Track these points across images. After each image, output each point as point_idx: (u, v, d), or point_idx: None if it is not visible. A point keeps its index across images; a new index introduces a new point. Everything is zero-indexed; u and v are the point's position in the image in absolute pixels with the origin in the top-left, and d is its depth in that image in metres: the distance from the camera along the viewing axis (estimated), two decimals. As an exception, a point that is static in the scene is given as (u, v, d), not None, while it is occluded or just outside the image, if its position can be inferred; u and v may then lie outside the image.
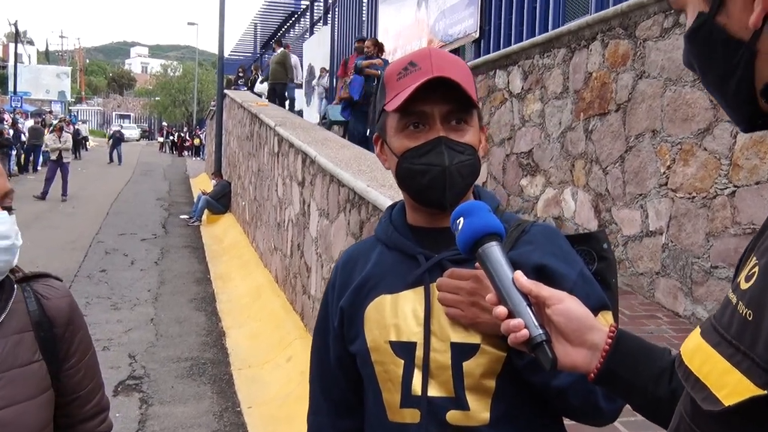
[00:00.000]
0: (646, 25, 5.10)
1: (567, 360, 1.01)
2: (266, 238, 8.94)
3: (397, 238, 1.33)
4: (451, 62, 1.27)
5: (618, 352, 0.99)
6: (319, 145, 6.53)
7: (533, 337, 0.99)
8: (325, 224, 5.62)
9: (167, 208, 16.20)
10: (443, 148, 1.23)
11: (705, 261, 4.42)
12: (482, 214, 1.11)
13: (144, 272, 9.50)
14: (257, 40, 30.01)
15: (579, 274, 1.25)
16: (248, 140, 11.58)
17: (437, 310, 1.24)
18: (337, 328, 1.38)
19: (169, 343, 6.53)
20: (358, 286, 1.35)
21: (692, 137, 4.57)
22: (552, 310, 1.02)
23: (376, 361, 1.29)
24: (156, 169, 27.35)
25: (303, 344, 5.80)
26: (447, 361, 1.22)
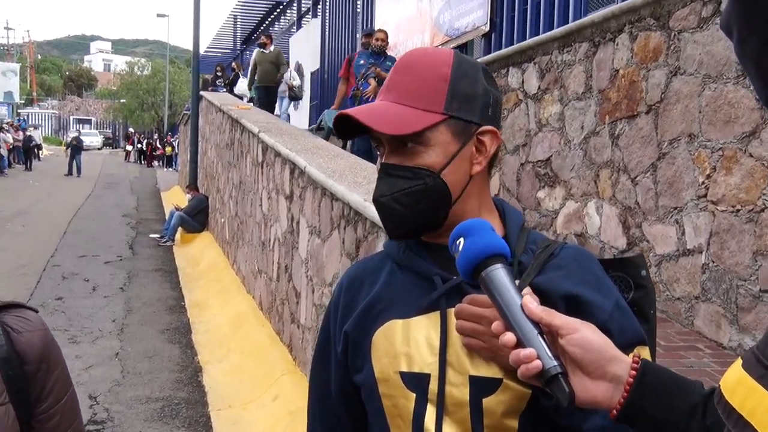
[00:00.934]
0: (682, 14, 5.13)
1: (586, 395, 1.02)
2: (249, 259, 8.93)
3: (411, 257, 1.34)
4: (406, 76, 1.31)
5: (643, 385, 1.00)
6: (309, 153, 6.54)
7: (547, 370, 1.00)
8: (316, 243, 5.62)
9: (135, 226, 16.21)
10: (382, 175, 1.29)
11: (752, 284, 4.41)
12: (484, 233, 1.12)
13: (108, 300, 9.49)
14: (237, 35, 30.18)
15: (615, 305, 1.25)
16: (228, 148, 11.60)
17: (454, 339, 1.24)
18: (341, 356, 1.39)
19: (136, 381, 6.51)
20: (365, 308, 1.35)
21: (736, 142, 4.59)
22: (566, 340, 1.03)
23: (384, 394, 1.29)
24: (122, 182, 27.41)
25: (292, 380, 5.79)
26: (465, 397, 1.22)
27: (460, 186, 1.29)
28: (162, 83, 56.09)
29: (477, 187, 1.32)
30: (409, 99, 1.27)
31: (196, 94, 16.16)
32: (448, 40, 10.24)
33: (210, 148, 14.75)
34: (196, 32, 16.60)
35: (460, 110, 1.28)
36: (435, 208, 1.29)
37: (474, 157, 1.30)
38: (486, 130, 1.30)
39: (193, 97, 16.30)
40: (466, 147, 1.29)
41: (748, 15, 0.75)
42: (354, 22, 14.69)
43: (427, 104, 1.26)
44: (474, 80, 1.29)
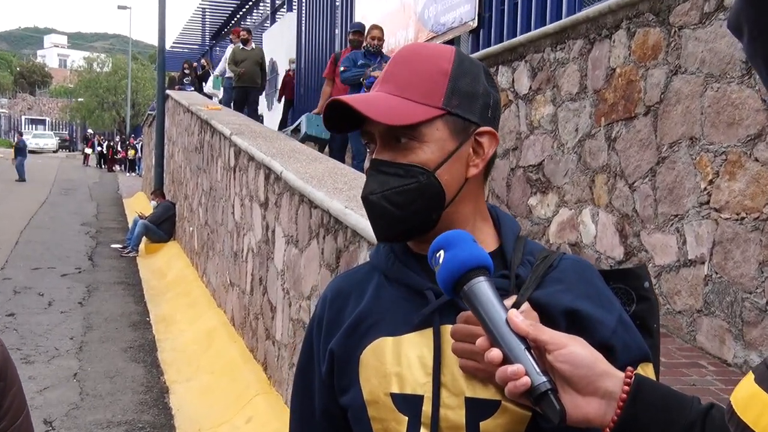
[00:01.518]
0: (683, 9, 5.19)
1: (577, 412, 1.03)
2: (220, 271, 8.92)
3: (400, 269, 1.34)
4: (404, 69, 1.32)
5: (638, 401, 1.01)
6: (286, 157, 6.56)
7: (536, 386, 1.01)
8: (293, 254, 5.63)
9: (95, 236, 16.12)
10: (373, 173, 1.29)
11: (759, 296, 4.46)
12: (465, 245, 1.13)
13: (65, 315, 9.43)
14: (206, 30, 30.14)
15: (618, 321, 1.27)
16: (197, 152, 11.58)
17: (449, 358, 1.24)
18: (325, 376, 1.38)
19: (97, 403, 6.47)
20: (352, 325, 1.35)
21: (740, 145, 4.64)
22: (554, 356, 1.04)
23: (373, 417, 1.29)
24: (80, 188, 27.24)
25: (266, 401, 5.80)
26: (461, 420, 1.22)
27: (455, 188, 1.30)
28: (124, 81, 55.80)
29: (472, 192, 1.33)
30: (407, 91, 1.28)
31: (162, 93, 16.11)
32: (433, 36, 10.27)
33: (177, 151, 14.70)
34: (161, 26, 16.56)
35: (460, 107, 1.29)
36: (428, 209, 1.29)
37: (471, 159, 1.31)
38: (485, 131, 1.31)
39: (159, 96, 16.26)
40: (463, 147, 1.30)
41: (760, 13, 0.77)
42: (333, 17, 14.71)
43: (425, 97, 1.27)
44: (475, 79, 1.31)
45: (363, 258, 4.14)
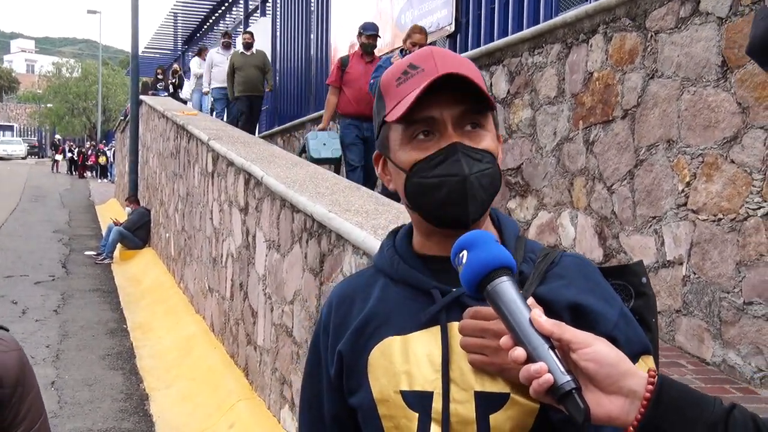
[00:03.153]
0: (659, 14, 5.26)
1: (600, 411, 1.05)
2: (198, 277, 8.88)
3: (406, 270, 1.37)
4: (458, 59, 1.33)
5: (661, 401, 1.03)
6: (266, 162, 6.56)
7: (561, 386, 1.02)
8: (275, 258, 5.63)
9: (68, 243, 15.98)
10: (459, 155, 1.27)
11: (736, 296, 4.53)
12: (489, 245, 1.15)
13: (40, 324, 9.33)
14: (178, 35, 29.95)
15: (620, 315, 1.31)
16: (173, 158, 11.53)
17: (457, 354, 1.27)
18: (334, 378, 1.40)
19: (76, 411, 6.43)
20: (359, 327, 1.37)
21: (716, 147, 4.71)
22: (579, 354, 1.06)
23: (384, 415, 1.31)
24: (50, 194, 26.98)
25: (249, 407, 5.79)
26: (471, 414, 1.25)
27: None
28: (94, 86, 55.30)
29: None
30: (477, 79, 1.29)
31: (136, 98, 16.03)
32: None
33: (152, 156, 14.63)
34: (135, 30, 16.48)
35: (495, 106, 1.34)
36: (493, 195, 1.33)
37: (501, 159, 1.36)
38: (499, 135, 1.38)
39: (133, 101, 16.17)
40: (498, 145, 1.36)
41: None
42: (308, 22, 14.70)
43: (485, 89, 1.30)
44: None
45: (348, 261, 4.16)
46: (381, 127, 1.37)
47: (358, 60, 8.60)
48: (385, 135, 1.36)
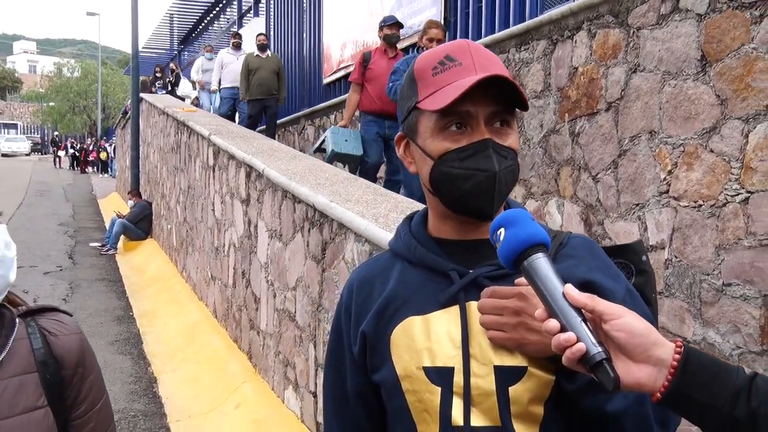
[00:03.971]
0: (641, 11, 5.28)
1: (630, 378, 1.06)
2: (200, 266, 8.88)
3: (424, 254, 1.38)
4: (492, 57, 1.34)
5: (687, 369, 1.04)
6: (266, 156, 6.55)
7: (592, 356, 1.04)
8: (277, 247, 5.63)
9: (73, 235, 15.91)
10: (491, 151, 1.28)
11: (716, 278, 4.57)
12: (525, 223, 1.17)
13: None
14: (174, 35, 29.84)
15: (626, 291, 1.33)
16: (174, 152, 11.49)
17: (476, 332, 1.29)
18: (358, 357, 1.41)
19: (89, 394, 6.43)
20: (381, 308, 1.38)
21: (696, 138, 4.74)
22: (611, 325, 1.07)
23: (407, 390, 1.32)
24: (54, 189, 26.81)
25: (253, 388, 5.80)
26: (491, 387, 1.27)
27: None
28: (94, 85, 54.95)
29: None
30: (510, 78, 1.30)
31: (137, 96, 15.95)
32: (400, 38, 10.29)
33: (153, 152, 14.58)
34: (134, 31, 16.39)
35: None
36: (511, 190, 1.35)
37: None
38: None
39: (134, 99, 16.08)
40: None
41: None
42: (300, 21, 14.65)
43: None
44: None
45: (350, 249, 4.17)
46: (410, 112, 1.37)
47: (381, 55, 8.12)
48: (415, 120, 1.36)
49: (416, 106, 1.34)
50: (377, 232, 3.72)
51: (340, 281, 4.29)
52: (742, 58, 4.47)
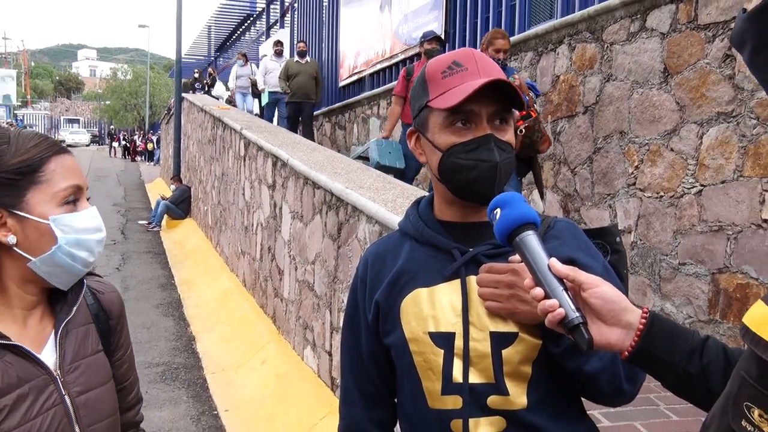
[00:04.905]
0: (613, 29, 5.24)
1: (602, 339, 1.06)
2: (232, 242, 8.88)
3: (430, 234, 1.37)
4: (493, 65, 1.33)
5: (652, 331, 1.04)
6: (290, 148, 6.52)
7: (571, 320, 1.04)
8: (299, 227, 5.62)
9: (124, 214, 15.94)
10: (492, 145, 1.28)
11: (673, 258, 4.56)
12: (518, 205, 1.16)
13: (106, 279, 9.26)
14: (211, 44, 29.77)
15: (603, 267, 1.32)
16: (210, 144, 11.47)
17: (474, 302, 1.29)
18: (372, 322, 1.41)
19: (139, 348, 6.43)
20: (392, 280, 1.38)
21: (659, 138, 4.72)
22: (589, 293, 1.07)
23: (414, 351, 1.32)
24: (109, 175, 26.85)
25: (277, 347, 5.81)
26: (487, 350, 1.27)
27: None
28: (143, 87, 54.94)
29: None
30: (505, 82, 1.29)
31: (179, 95, 15.91)
32: (406, 48, 10.24)
33: (192, 144, 14.55)
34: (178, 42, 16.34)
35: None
36: (508, 179, 1.34)
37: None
38: None
39: (176, 98, 16.04)
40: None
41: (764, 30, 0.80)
42: (320, 33, 14.59)
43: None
44: None
45: (362, 229, 4.16)
46: (422, 110, 1.35)
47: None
48: (426, 117, 1.35)
49: (427, 105, 1.33)
50: (386, 215, 3.70)
51: (354, 257, 4.28)
52: (698, 72, 4.45)
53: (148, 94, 51.41)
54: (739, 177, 4.12)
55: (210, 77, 19.80)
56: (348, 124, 11.72)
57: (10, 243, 1.22)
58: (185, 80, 19.47)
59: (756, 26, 0.81)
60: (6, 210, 1.21)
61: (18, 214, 1.22)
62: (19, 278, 1.25)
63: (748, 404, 0.77)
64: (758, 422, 0.76)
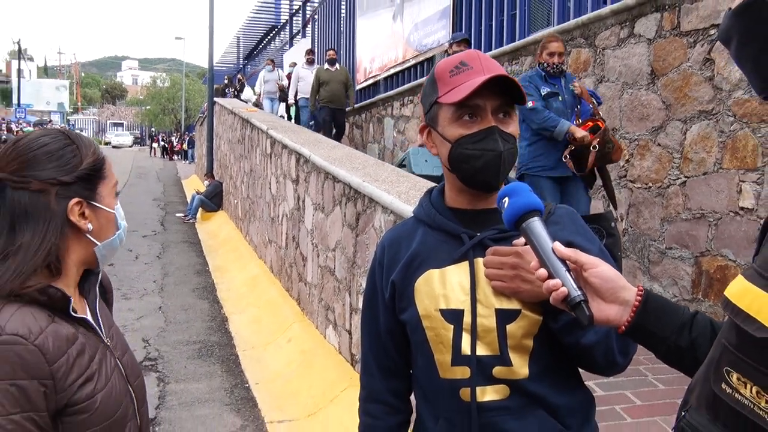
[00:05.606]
0: (605, 35, 5.20)
1: (601, 315, 1.06)
2: (260, 232, 8.90)
3: (441, 220, 1.37)
4: (496, 64, 1.32)
5: (646, 308, 1.05)
6: (312, 145, 6.52)
7: (573, 297, 1.04)
8: (320, 217, 5.63)
9: (163, 207, 16.00)
10: (497, 135, 1.27)
11: (660, 243, 4.53)
12: (525, 194, 1.16)
13: (148, 266, 9.39)
14: (240, 53, 29.80)
15: (599, 250, 1.32)
16: (240, 143, 11.50)
17: (481, 282, 1.29)
18: (388, 301, 1.41)
19: (177, 328, 6.50)
20: (407, 262, 1.38)
21: (648, 134, 4.68)
22: (589, 273, 1.07)
23: (427, 327, 1.33)
24: (150, 173, 26.96)
25: (301, 327, 5.82)
26: (492, 325, 1.27)
27: None
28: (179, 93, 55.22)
29: None
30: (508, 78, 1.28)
31: (211, 100, 15.96)
32: (417, 54, 10.21)
33: (223, 143, 14.59)
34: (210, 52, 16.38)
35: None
36: (512, 167, 1.34)
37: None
38: None
39: (209, 102, 16.09)
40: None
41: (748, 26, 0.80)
42: (338, 41, 14.57)
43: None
44: None
45: (378, 218, 4.16)
46: (432, 106, 1.35)
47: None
48: (436, 112, 1.34)
49: (437, 101, 1.33)
50: (400, 205, 3.70)
51: (370, 244, 4.28)
52: (681, 74, 4.43)
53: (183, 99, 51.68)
54: (719, 169, 4.09)
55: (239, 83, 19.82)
56: (364, 124, 11.71)
57: (89, 230, 1.25)
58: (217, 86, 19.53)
59: (740, 23, 0.81)
60: (85, 201, 1.25)
61: (93, 204, 1.26)
62: (80, 261, 1.28)
63: (728, 369, 0.77)
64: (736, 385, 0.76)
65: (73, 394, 1.15)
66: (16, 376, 1.09)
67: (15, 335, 1.10)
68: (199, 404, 4.67)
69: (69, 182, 1.23)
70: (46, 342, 1.12)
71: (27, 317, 1.13)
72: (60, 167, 1.22)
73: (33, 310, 1.15)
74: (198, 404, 4.67)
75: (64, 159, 1.23)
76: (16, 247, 1.18)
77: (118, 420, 1.24)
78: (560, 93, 4.55)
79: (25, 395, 1.09)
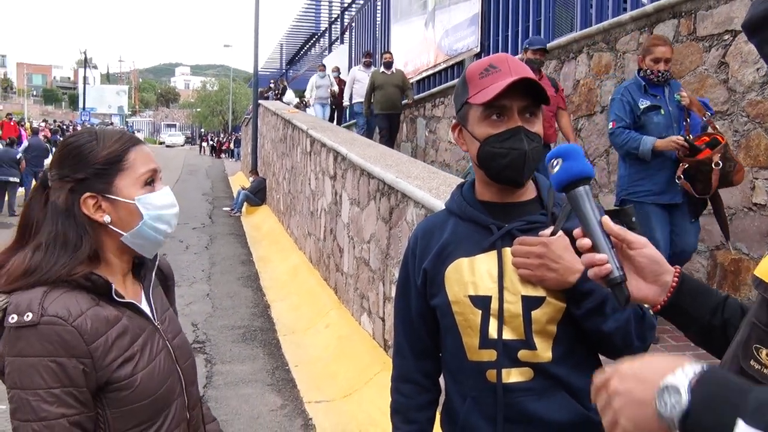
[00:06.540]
0: (625, 40, 5.11)
1: (639, 294, 1.03)
2: (300, 225, 8.96)
3: (471, 212, 1.37)
4: (523, 66, 1.31)
5: (682, 288, 1.03)
6: (349, 144, 6.53)
7: (615, 277, 0.99)
8: (356, 211, 5.64)
9: (211, 202, 16.21)
10: (522, 135, 1.26)
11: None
12: (581, 159, 1.09)
13: (197, 255, 9.52)
14: (283, 58, 30.02)
15: None
16: (282, 142, 11.59)
17: (508, 270, 1.28)
18: (420, 287, 1.41)
19: (223, 314, 6.58)
20: (438, 251, 1.38)
21: (670, 133, 4.57)
22: (637, 252, 1.03)
23: (456, 312, 1.33)
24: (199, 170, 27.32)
25: (338, 314, 5.84)
26: (518, 311, 1.27)
27: None
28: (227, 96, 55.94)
29: None
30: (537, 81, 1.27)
31: (256, 102, 16.12)
32: (448, 58, 10.15)
33: (266, 142, 14.72)
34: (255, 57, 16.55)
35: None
36: (538, 165, 1.32)
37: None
38: None
39: (254, 105, 16.26)
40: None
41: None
42: (374, 46, 14.57)
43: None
44: None
45: (410, 213, 4.15)
46: (463, 106, 1.34)
47: None
48: (466, 112, 1.33)
49: (467, 101, 1.32)
50: (431, 201, 3.69)
51: (403, 237, 4.28)
52: (698, 76, 4.35)
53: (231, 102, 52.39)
54: (736, 167, 3.98)
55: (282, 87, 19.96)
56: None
57: (106, 222, 1.27)
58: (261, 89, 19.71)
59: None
60: (101, 195, 1.26)
61: (110, 197, 1.27)
62: (116, 250, 1.30)
63: (757, 346, 0.76)
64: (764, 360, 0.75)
65: (113, 372, 1.18)
66: (56, 353, 1.12)
67: (55, 316, 1.13)
68: (243, 384, 4.73)
69: (82, 178, 1.25)
70: (84, 323, 1.16)
71: (69, 301, 1.17)
72: (75, 164, 1.25)
73: (78, 294, 1.19)
74: (242, 384, 4.73)
75: (80, 156, 1.26)
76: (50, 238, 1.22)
77: (162, 397, 1.26)
78: (662, 105, 3.72)
79: (65, 371, 1.12)
